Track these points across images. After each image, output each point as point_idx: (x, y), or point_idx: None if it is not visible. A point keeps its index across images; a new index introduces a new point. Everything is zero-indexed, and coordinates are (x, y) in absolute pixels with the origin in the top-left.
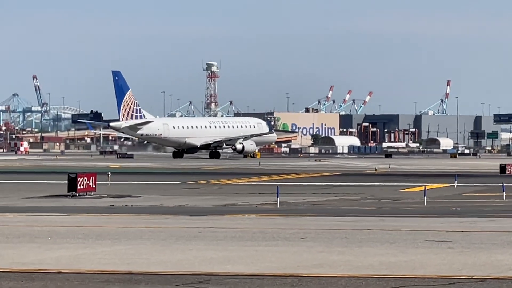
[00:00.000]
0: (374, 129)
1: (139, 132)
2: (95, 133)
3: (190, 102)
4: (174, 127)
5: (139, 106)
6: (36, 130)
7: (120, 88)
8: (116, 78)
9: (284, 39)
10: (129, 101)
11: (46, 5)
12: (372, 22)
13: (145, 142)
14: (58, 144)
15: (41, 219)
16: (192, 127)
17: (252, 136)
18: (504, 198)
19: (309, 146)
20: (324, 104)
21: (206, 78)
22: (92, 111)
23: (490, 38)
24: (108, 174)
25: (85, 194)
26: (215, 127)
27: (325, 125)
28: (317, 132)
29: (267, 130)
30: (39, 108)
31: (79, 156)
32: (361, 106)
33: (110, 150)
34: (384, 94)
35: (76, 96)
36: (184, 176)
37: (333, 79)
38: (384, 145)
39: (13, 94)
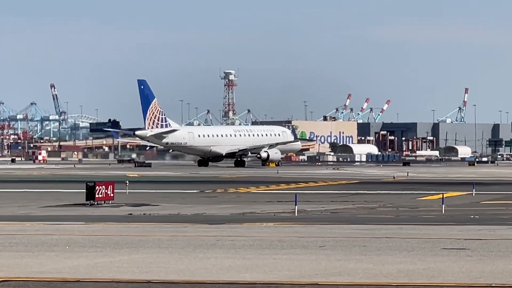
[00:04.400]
0: (392, 138)
1: (165, 140)
2: (118, 141)
3: (208, 111)
4: (199, 136)
5: (164, 115)
6: (54, 139)
7: (146, 97)
8: (142, 86)
9: (301, 47)
10: (155, 110)
11: (63, 14)
12: (390, 31)
13: (170, 150)
14: (76, 152)
15: (59, 228)
16: (217, 135)
17: (277, 144)
18: None
19: (326, 154)
20: (342, 112)
21: (224, 86)
22: (110, 119)
23: (508, 46)
24: (126, 183)
25: (103, 202)
26: (240, 135)
27: (343, 133)
28: (335, 140)
29: (292, 138)
30: (57, 117)
31: (97, 164)
32: (379, 115)
33: (128, 159)
34: (402, 102)
35: (94, 105)
36: (202, 185)
37: (351, 88)
38: (418, 153)
39: (31, 103)
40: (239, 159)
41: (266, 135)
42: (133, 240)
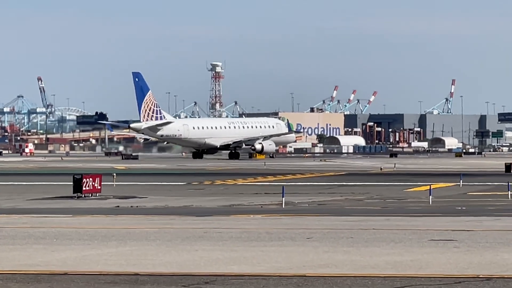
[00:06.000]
0: (379, 129)
1: (159, 133)
2: (111, 133)
3: (195, 103)
4: (194, 128)
5: (159, 107)
6: (41, 131)
7: (140, 89)
8: (137, 79)
9: (288, 39)
10: (149, 102)
11: (50, 6)
12: (376, 22)
13: (166, 142)
14: (63, 145)
15: (47, 221)
16: (211, 127)
17: (271, 136)
18: (509, 197)
19: (313, 146)
20: (329, 104)
21: (210, 78)
22: (97, 112)
23: (495, 37)
24: (114, 175)
25: (90, 195)
26: (235, 127)
27: (330, 125)
28: (322, 132)
29: (286, 130)
30: (44, 110)
31: (84, 157)
32: (366, 106)
33: (115, 151)
34: (388, 94)
35: (81, 98)
36: (189, 177)
37: (338, 79)
38: (413, 144)
39: (18, 95)
40: (233, 151)
41: (261, 127)
42: (120, 233)
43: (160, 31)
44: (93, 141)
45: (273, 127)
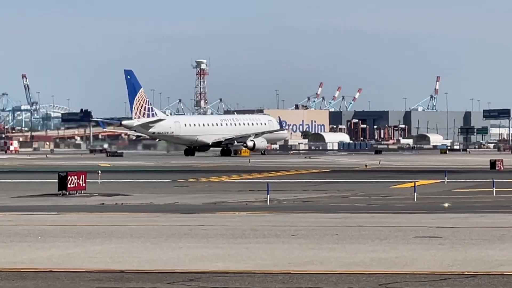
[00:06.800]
0: (364, 126)
1: (151, 130)
2: (107, 131)
3: (180, 100)
4: (185, 125)
5: (151, 105)
6: (26, 129)
7: (132, 87)
8: (128, 76)
9: (273, 36)
10: (141, 100)
11: (34, 4)
12: (361, 19)
13: (157, 140)
14: (48, 143)
15: (32, 218)
16: (203, 125)
17: (263, 133)
18: (494, 194)
19: (299, 143)
20: (314, 101)
21: (195, 75)
22: (81, 109)
23: (479, 34)
24: (98, 173)
25: (75, 192)
26: (227, 124)
27: (315, 122)
28: (307, 129)
29: (277, 127)
30: (28, 107)
31: (69, 154)
32: (350, 103)
33: (100, 148)
34: (373, 91)
35: (66, 95)
36: (174, 174)
37: (323, 76)
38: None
39: (2, 93)
40: (225, 148)
41: (252, 124)
42: (105, 230)
43: (145, 29)
44: (78, 139)
45: (265, 124)
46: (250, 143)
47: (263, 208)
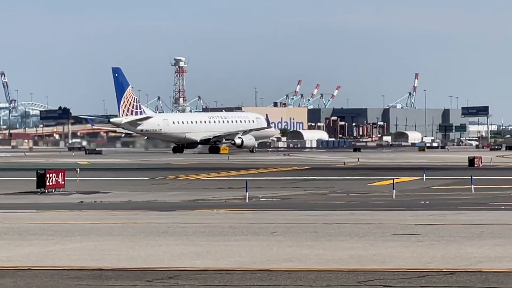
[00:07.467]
0: (343, 123)
1: (139, 127)
2: (93, 127)
3: (159, 98)
4: (174, 123)
5: (139, 102)
6: (4, 127)
7: (120, 84)
8: (116, 74)
9: (251, 34)
10: (129, 97)
11: (12, 2)
12: (338, 16)
13: (146, 137)
14: (26, 140)
15: (10, 216)
16: (191, 122)
17: (251, 130)
18: (472, 191)
19: (277, 141)
20: (293, 98)
21: (174, 73)
22: (60, 107)
23: (458, 31)
24: (77, 170)
25: (54, 190)
26: (215, 122)
27: (293, 119)
28: (286, 127)
29: (265, 125)
30: (7, 105)
31: (48, 152)
32: (329, 100)
33: (79, 146)
34: (352, 88)
35: (44, 93)
36: (153, 172)
37: (301, 74)
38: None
39: None
40: (213, 145)
41: (241, 121)
42: (84, 228)
43: (123, 26)
44: (57, 136)
45: (253, 121)
46: (238, 141)
47: (242, 206)
